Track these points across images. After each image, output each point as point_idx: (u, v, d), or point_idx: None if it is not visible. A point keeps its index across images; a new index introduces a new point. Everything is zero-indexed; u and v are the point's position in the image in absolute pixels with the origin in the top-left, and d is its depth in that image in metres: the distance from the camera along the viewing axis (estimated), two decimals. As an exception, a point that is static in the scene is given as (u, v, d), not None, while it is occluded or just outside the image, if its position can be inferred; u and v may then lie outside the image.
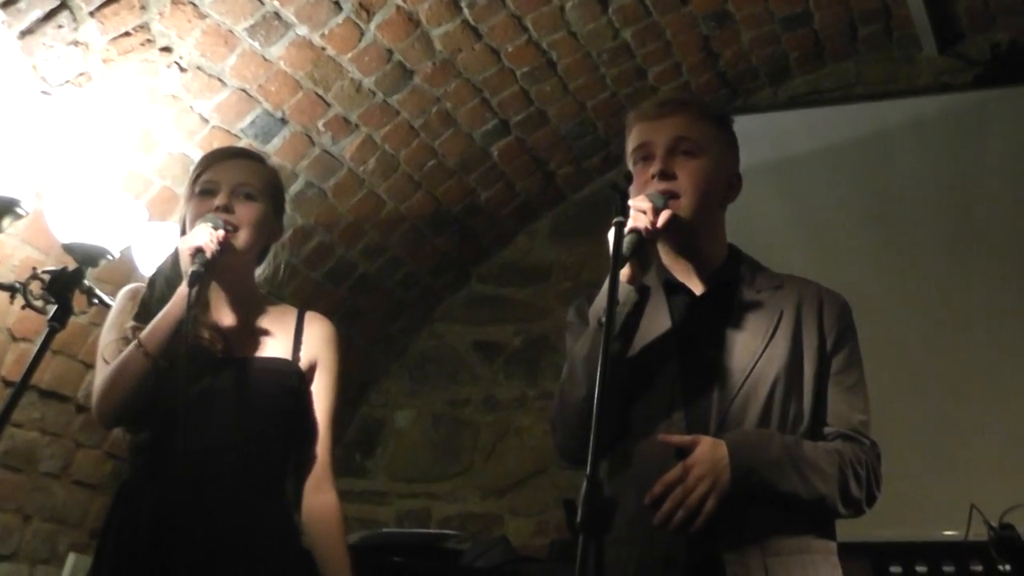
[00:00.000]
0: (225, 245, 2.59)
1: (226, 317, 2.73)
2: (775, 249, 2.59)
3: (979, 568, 3.87)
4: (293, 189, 4.21)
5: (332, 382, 2.79)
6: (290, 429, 2.71)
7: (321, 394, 2.77)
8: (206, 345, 2.62)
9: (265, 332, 2.75)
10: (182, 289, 2.55)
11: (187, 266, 2.55)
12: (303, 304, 4.46)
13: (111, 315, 2.73)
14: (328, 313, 4.66)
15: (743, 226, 2.53)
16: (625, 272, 2.25)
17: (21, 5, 3.06)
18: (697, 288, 2.42)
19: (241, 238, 2.66)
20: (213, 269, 2.56)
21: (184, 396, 2.44)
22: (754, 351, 2.31)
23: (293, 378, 2.72)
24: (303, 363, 2.75)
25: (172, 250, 2.77)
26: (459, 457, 5.27)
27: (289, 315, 2.82)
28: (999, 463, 4.19)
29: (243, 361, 2.69)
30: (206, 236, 2.56)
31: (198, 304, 2.55)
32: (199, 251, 2.53)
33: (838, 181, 4.82)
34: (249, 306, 2.77)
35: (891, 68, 5.05)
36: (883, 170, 4.75)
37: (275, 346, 2.74)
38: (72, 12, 3.17)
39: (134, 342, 2.56)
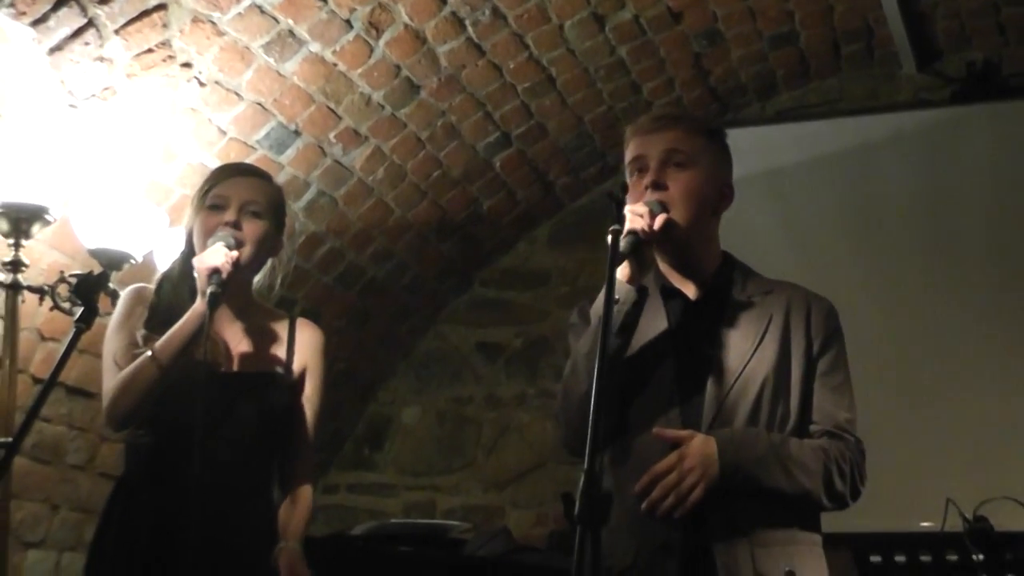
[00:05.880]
0: (237, 265, 2.59)
1: (228, 329, 2.73)
2: (764, 255, 2.59)
3: (954, 558, 3.88)
4: (306, 198, 4.21)
5: (319, 387, 2.80)
6: (280, 439, 2.73)
7: (309, 401, 2.78)
8: (211, 360, 2.62)
9: (262, 342, 2.75)
10: (198, 307, 2.55)
11: (203, 286, 2.54)
12: (315, 306, 4.52)
13: (117, 316, 2.72)
14: (338, 315, 4.74)
15: (734, 234, 2.53)
16: (624, 272, 2.27)
17: (50, 23, 3.07)
18: (692, 293, 2.42)
19: (245, 254, 2.64)
20: (228, 288, 2.56)
21: (200, 412, 2.45)
22: (744, 353, 2.32)
23: (288, 393, 2.73)
24: (295, 369, 2.77)
25: (179, 256, 2.78)
26: (463, 452, 5.28)
27: (282, 322, 2.82)
28: (973, 459, 4.21)
29: (243, 376, 2.70)
30: (221, 257, 2.54)
31: (210, 321, 2.56)
32: (215, 271, 2.53)
33: (823, 191, 4.83)
34: (247, 316, 2.77)
35: (873, 85, 5.05)
36: (865, 181, 4.76)
37: (271, 356, 2.75)
38: (98, 30, 3.18)
39: (147, 353, 2.56)
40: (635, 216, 2.26)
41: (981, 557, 3.42)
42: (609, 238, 2.18)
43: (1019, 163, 4.55)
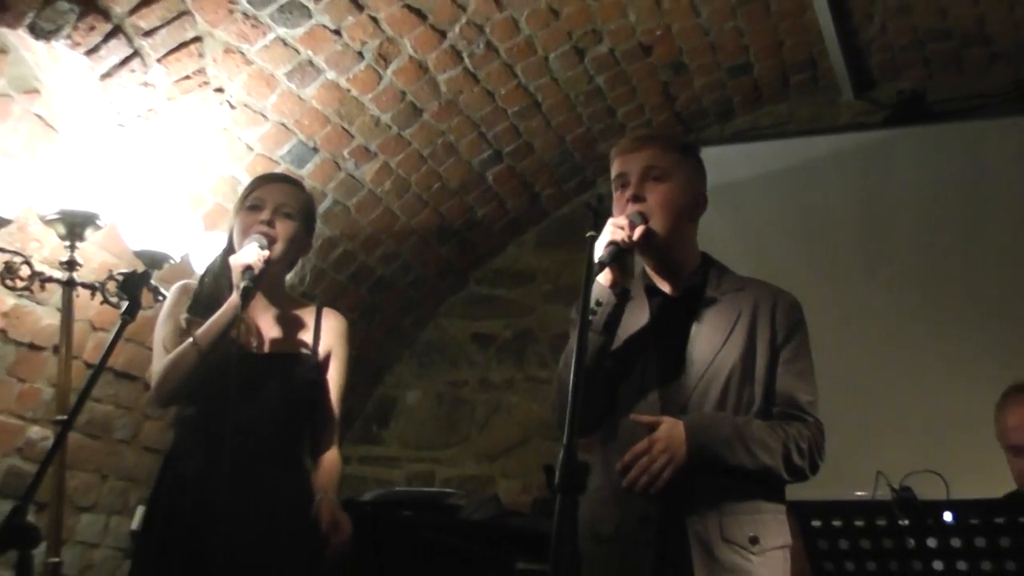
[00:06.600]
0: (269, 262, 2.61)
1: (261, 315, 2.74)
2: (721, 259, 2.61)
3: (883, 523, 3.90)
4: (323, 206, 4.22)
5: (342, 368, 2.81)
6: (309, 413, 2.75)
7: (333, 379, 2.79)
8: (245, 343, 2.65)
9: (291, 328, 2.77)
10: (234, 299, 2.57)
11: (238, 280, 2.56)
12: (331, 301, 4.53)
13: (167, 306, 2.74)
14: (350, 309, 4.76)
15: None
16: (607, 278, 2.28)
17: (101, 53, 3.09)
18: (672, 291, 2.43)
19: (277, 250, 2.67)
20: (260, 283, 2.59)
21: (234, 388, 2.47)
22: (715, 344, 2.33)
23: (313, 371, 2.75)
24: (321, 352, 2.77)
25: (220, 252, 2.79)
26: (458, 429, 5.29)
27: (310, 311, 2.83)
28: (900, 436, 4.24)
29: (274, 357, 2.72)
30: (254, 255, 2.57)
31: (244, 311, 2.58)
32: (248, 268, 2.55)
33: (773, 203, 4.83)
34: (279, 305, 2.79)
35: (816, 110, 5.06)
36: (810, 194, 4.78)
37: (298, 340, 2.76)
38: (142, 58, 3.20)
39: (189, 340, 2.58)
40: (616, 228, 2.27)
41: (907, 522, 3.46)
42: (597, 243, 2.21)
43: (942, 178, 4.57)
